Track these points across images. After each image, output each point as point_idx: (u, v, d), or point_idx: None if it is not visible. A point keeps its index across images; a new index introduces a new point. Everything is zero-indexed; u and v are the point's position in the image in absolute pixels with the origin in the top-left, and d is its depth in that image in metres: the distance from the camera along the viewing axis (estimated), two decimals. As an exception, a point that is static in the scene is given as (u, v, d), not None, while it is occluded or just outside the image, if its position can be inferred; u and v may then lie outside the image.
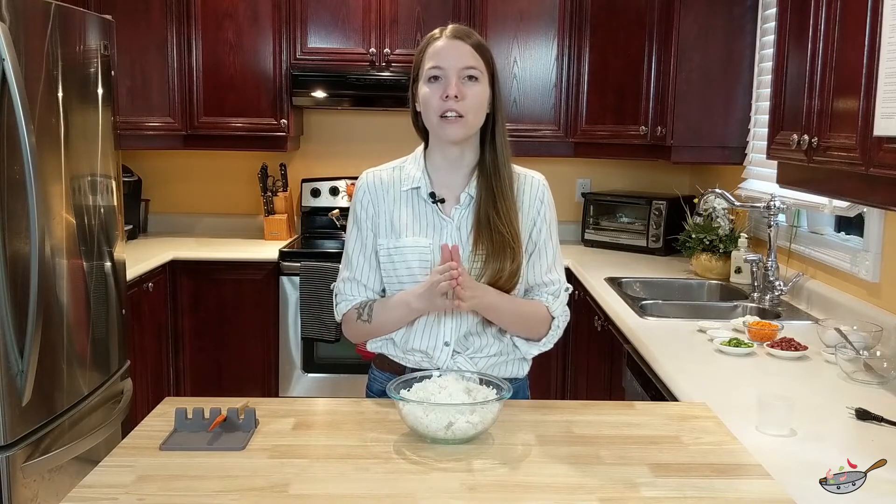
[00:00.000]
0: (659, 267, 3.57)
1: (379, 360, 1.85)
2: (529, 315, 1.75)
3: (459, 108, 1.65)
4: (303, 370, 3.84)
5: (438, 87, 1.67)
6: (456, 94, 1.64)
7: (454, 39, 1.69)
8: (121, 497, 1.26)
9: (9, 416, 2.21)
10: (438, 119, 1.67)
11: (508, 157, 1.75)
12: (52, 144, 2.42)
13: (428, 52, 1.70)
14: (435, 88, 1.67)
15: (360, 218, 1.78)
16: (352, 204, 1.81)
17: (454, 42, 1.69)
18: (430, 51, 1.70)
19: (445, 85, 1.66)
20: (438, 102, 1.66)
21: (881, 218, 2.44)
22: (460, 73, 1.66)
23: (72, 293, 2.52)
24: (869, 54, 1.73)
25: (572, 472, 1.36)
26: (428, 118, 1.71)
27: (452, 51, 1.68)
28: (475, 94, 1.68)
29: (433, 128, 1.71)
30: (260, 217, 4.33)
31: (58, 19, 2.42)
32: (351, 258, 1.79)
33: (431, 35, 1.73)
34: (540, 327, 1.75)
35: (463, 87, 1.66)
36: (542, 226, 1.78)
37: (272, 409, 1.63)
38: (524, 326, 1.75)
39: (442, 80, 1.67)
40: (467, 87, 1.67)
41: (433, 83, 1.68)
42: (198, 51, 3.87)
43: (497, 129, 1.74)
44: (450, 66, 1.66)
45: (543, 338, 1.76)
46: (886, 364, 1.96)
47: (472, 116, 1.68)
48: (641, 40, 3.67)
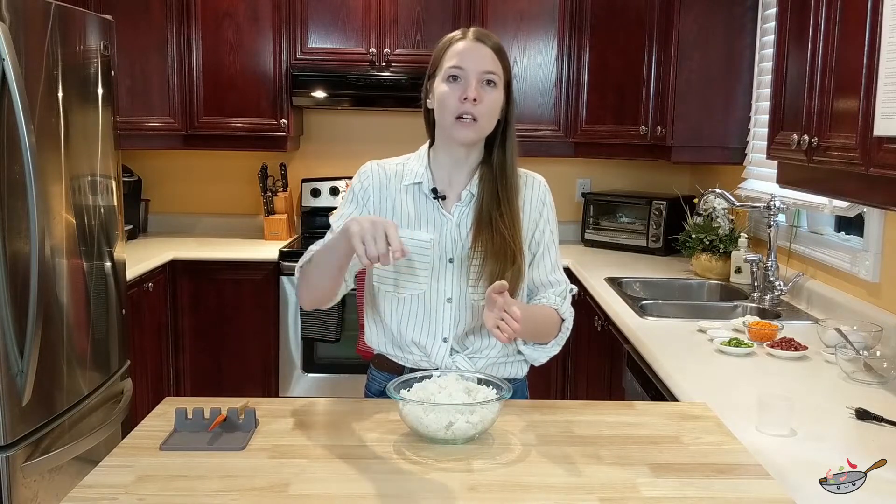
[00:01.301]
0: (659, 267, 3.57)
1: (377, 359, 1.85)
2: (543, 321, 1.75)
3: (475, 112, 1.66)
4: (303, 370, 3.84)
5: (457, 88, 1.67)
6: (475, 98, 1.65)
7: (477, 42, 1.69)
8: (121, 497, 1.26)
9: (9, 416, 2.21)
10: (454, 120, 1.67)
11: (516, 163, 1.75)
12: (52, 144, 2.42)
13: (450, 51, 1.70)
14: (454, 88, 1.67)
15: (358, 195, 1.77)
16: (352, 184, 1.79)
17: (477, 45, 1.69)
18: (452, 50, 1.70)
19: (465, 86, 1.66)
20: (456, 103, 1.66)
21: (881, 218, 2.44)
22: (480, 77, 1.67)
23: (72, 293, 2.52)
24: (869, 54, 1.73)
25: (572, 472, 1.36)
26: (442, 117, 1.70)
27: (475, 53, 1.68)
28: (492, 99, 1.68)
29: (446, 127, 1.70)
30: (260, 217, 4.33)
31: (58, 19, 2.42)
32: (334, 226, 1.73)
33: (454, 35, 1.73)
34: (551, 330, 1.76)
35: (481, 91, 1.66)
36: (545, 227, 1.79)
37: (272, 409, 1.63)
38: (539, 334, 1.75)
39: (461, 81, 1.67)
40: (485, 92, 1.67)
41: (452, 83, 1.68)
42: (198, 51, 3.87)
43: (508, 134, 1.74)
44: (471, 68, 1.67)
45: (553, 340, 1.77)
46: (886, 364, 1.96)
47: (485, 121, 1.68)
48: (641, 40, 3.67)
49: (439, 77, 1.70)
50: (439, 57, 1.72)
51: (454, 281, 1.73)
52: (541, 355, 1.78)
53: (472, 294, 1.73)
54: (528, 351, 1.78)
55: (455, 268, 1.73)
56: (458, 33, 1.73)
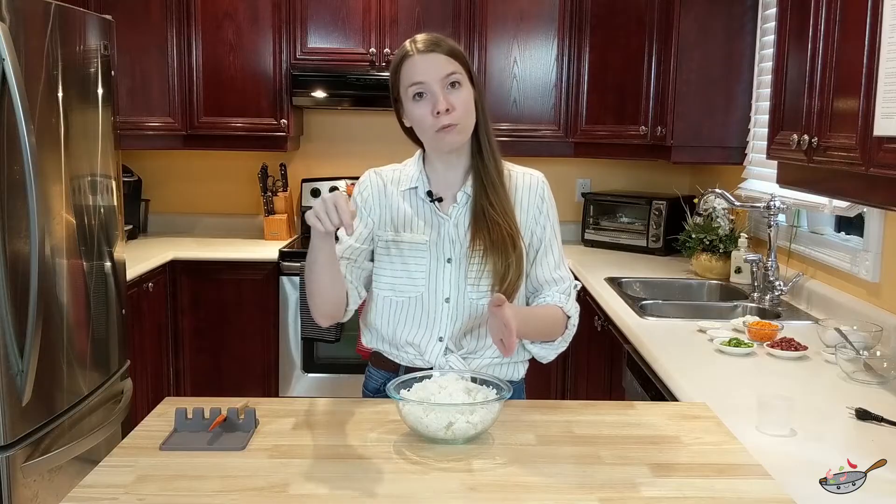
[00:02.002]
0: (659, 267, 3.57)
1: (374, 357, 1.86)
2: (548, 322, 1.75)
3: (453, 119, 1.65)
4: (303, 370, 3.84)
5: (427, 104, 1.65)
6: (447, 108, 1.63)
7: (427, 53, 1.66)
8: (121, 497, 1.26)
9: (9, 416, 2.21)
10: (434, 133, 1.66)
11: (495, 148, 1.75)
12: (52, 144, 2.42)
13: (403, 70, 1.67)
14: (424, 106, 1.65)
15: (360, 207, 1.78)
16: (353, 196, 1.80)
17: (427, 56, 1.65)
18: (406, 69, 1.66)
19: (434, 101, 1.64)
20: (431, 119, 1.65)
21: (881, 218, 2.44)
22: (443, 83, 1.65)
23: (72, 293, 2.52)
24: (869, 54, 1.72)
25: (572, 472, 1.36)
26: (424, 134, 1.70)
27: (429, 64, 1.65)
28: (463, 100, 1.66)
29: (431, 142, 1.71)
30: (260, 217, 4.33)
31: (58, 19, 2.42)
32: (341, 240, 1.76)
33: (403, 52, 1.68)
34: (557, 329, 1.76)
35: (449, 96, 1.65)
36: (546, 223, 1.78)
37: (272, 409, 1.63)
38: (543, 334, 1.76)
39: (428, 97, 1.65)
40: (454, 95, 1.65)
41: (419, 100, 1.66)
42: (198, 51, 3.87)
43: (480, 123, 1.73)
44: (431, 80, 1.64)
45: (559, 338, 1.77)
46: (886, 364, 1.96)
47: (466, 122, 1.68)
48: (641, 40, 3.67)
49: (405, 98, 1.69)
50: (395, 79, 1.69)
51: (452, 281, 1.74)
52: (549, 353, 1.79)
53: (471, 293, 1.73)
54: (536, 349, 1.78)
55: (453, 268, 1.74)
56: (406, 47, 1.68)
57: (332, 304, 1.72)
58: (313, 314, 1.75)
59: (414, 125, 1.71)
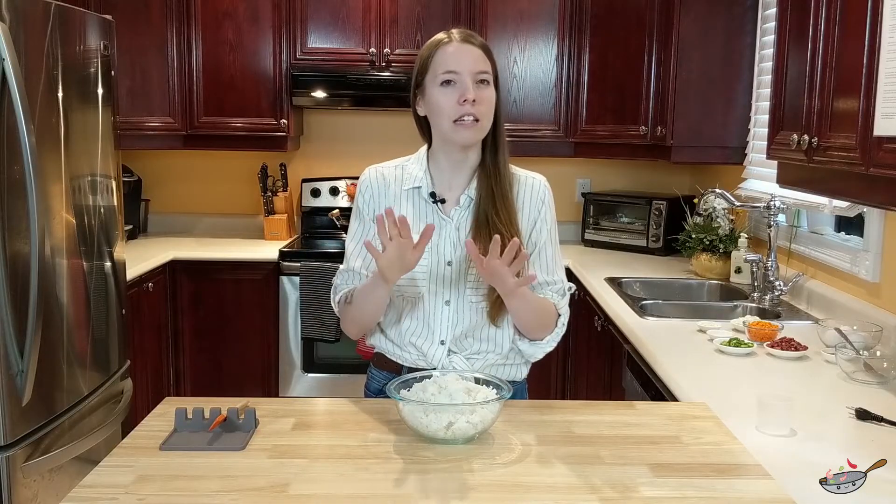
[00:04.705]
0: (659, 267, 3.57)
1: (377, 358, 1.86)
2: (543, 309, 1.74)
3: (476, 112, 1.65)
4: (303, 370, 3.84)
5: (454, 92, 1.66)
6: (474, 99, 1.64)
7: (465, 43, 1.69)
8: (121, 497, 1.26)
9: (9, 416, 2.21)
10: (452, 124, 1.67)
11: (507, 158, 1.76)
12: (52, 144, 2.42)
13: (437, 56, 1.69)
14: (451, 93, 1.66)
15: (363, 211, 1.79)
16: (355, 199, 1.81)
17: (466, 46, 1.68)
18: (441, 55, 1.68)
19: (462, 89, 1.65)
20: (455, 107, 1.65)
21: (881, 218, 2.44)
22: (474, 78, 1.66)
23: (72, 293, 2.52)
24: (869, 54, 1.72)
25: (572, 472, 1.36)
26: (440, 123, 1.69)
27: (465, 55, 1.67)
28: (489, 97, 1.68)
29: (445, 132, 1.70)
30: (260, 217, 4.33)
31: (58, 19, 2.42)
32: (350, 251, 1.79)
33: (439, 39, 1.71)
34: (549, 323, 1.75)
35: (478, 91, 1.66)
36: (543, 226, 1.78)
37: (272, 409, 1.63)
38: (538, 321, 1.73)
39: (457, 85, 1.66)
40: (481, 91, 1.67)
41: (447, 87, 1.67)
42: (198, 51, 3.87)
43: (499, 131, 1.74)
44: (464, 70, 1.66)
45: (548, 335, 1.76)
46: (886, 364, 1.96)
47: (486, 120, 1.69)
48: (641, 40, 3.67)
49: (430, 83, 1.69)
50: (426, 63, 1.71)
51: (452, 284, 1.73)
52: (537, 350, 1.78)
53: (471, 296, 1.73)
54: (525, 346, 1.77)
55: (454, 271, 1.73)
56: (443, 36, 1.71)
57: (372, 325, 1.80)
58: (347, 332, 1.82)
59: (433, 112, 1.71)
